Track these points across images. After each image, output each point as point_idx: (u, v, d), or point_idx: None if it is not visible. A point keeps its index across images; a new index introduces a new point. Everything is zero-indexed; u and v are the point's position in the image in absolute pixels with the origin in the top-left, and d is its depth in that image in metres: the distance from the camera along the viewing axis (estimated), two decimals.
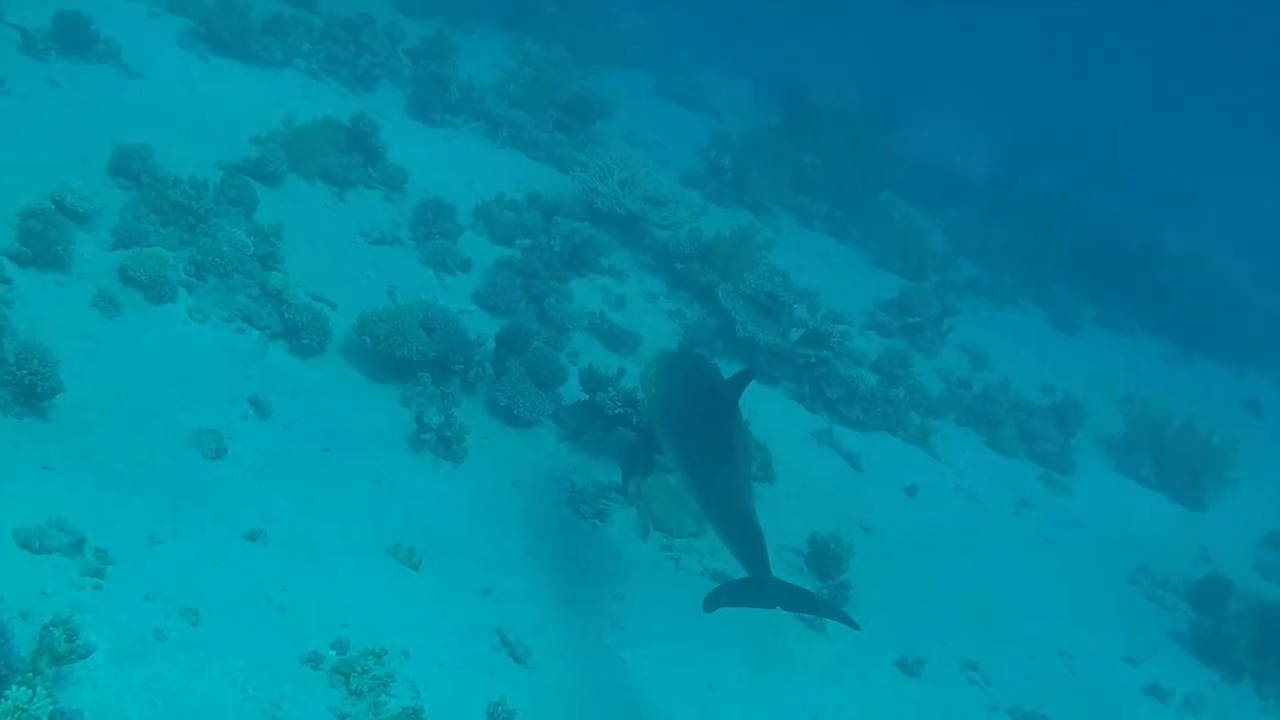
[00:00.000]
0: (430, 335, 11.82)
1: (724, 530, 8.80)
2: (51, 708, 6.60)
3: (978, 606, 13.01)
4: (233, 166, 13.60)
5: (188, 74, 15.99)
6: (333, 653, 8.51)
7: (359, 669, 8.39)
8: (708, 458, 8.87)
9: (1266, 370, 25.77)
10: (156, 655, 7.78)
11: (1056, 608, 13.70)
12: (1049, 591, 13.99)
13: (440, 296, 13.46)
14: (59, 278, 10.80)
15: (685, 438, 9.23)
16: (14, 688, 6.48)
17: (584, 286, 15.09)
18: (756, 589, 8.42)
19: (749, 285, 15.42)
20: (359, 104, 17.47)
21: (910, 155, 28.52)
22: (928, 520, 14.29)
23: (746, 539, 8.50)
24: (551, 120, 19.79)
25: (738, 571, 11.12)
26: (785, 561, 12.04)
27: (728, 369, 14.46)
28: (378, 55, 18.75)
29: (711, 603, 8.50)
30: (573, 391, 12.53)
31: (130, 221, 11.72)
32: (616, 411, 12.04)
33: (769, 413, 14.58)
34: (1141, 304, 25.64)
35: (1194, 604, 14.92)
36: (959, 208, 27.76)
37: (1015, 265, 25.03)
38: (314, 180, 14.52)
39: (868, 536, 13.31)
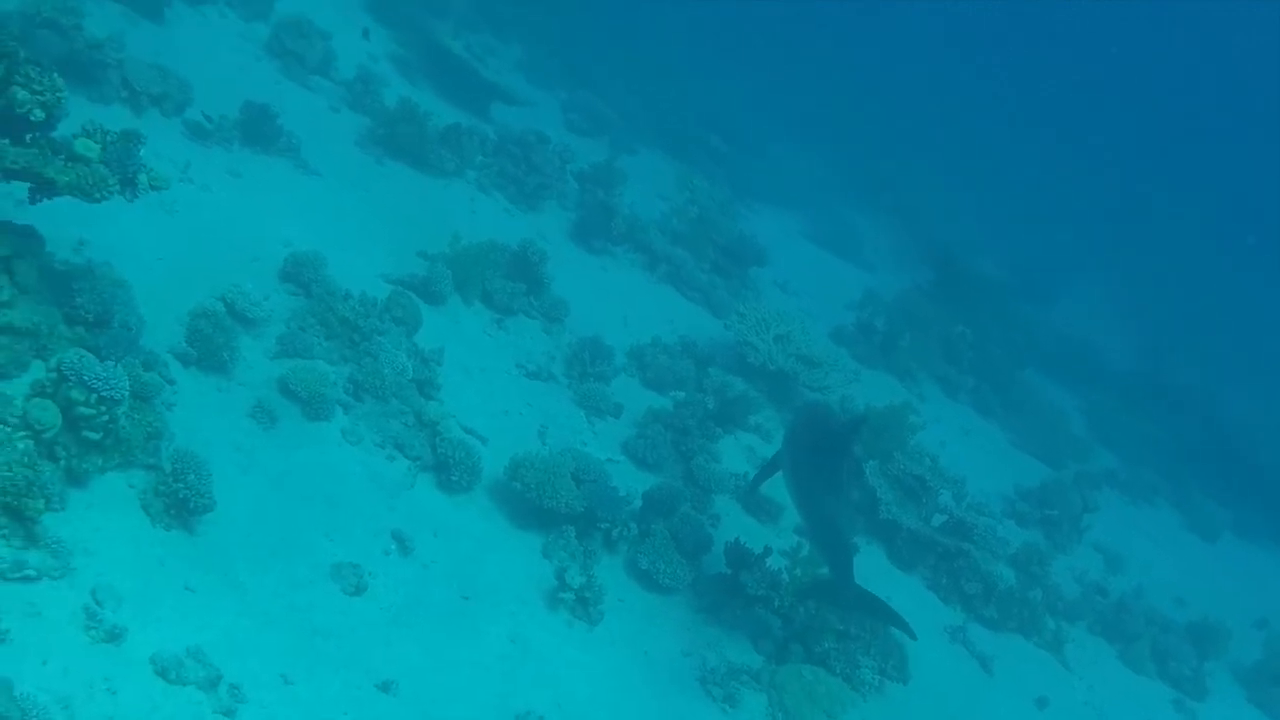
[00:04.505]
0: (579, 487, 11.52)
1: (820, 544, 11.06)
2: None
3: None
4: (399, 281, 13.53)
5: (362, 176, 16.00)
6: None
7: None
8: (817, 486, 10.76)
9: None
10: None
11: None
12: None
13: (590, 441, 13.21)
14: (220, 383, 10.67)
15: (801, 468, 11.03)
16: None
17: (731, 444, 14.72)
18: (838, 592, 10.87)
19: (897, 466, 14.97)
20: (524, 223, 17.46)
21: (1054, 329, 28.17)
22: None
23: (838, 552, 10.75)
24: (709, 261, 19.60)
25: None
26: None
27: (866, 546, 14.18)
28: (546, 176, 18.69)
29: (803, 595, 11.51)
30: (715, 561, 12.12)
31: (296, 331, 11.63)
32: (759, 593, 11.62)
33: (903, 602, 14.04)
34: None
35: None
36: (1099, 390, 27.12)
37: (1153, 459, 24.34)
38: (474, 303, 14.39)
39: None
